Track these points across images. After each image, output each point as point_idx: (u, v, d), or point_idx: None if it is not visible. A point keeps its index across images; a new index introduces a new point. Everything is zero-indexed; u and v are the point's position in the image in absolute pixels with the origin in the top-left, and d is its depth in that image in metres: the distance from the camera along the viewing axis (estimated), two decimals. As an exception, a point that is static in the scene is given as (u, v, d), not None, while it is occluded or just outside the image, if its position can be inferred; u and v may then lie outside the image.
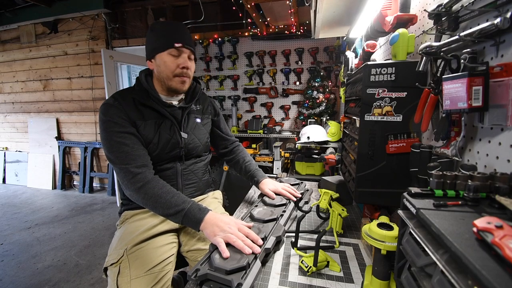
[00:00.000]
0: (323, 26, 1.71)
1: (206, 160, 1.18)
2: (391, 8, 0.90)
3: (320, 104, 2.81)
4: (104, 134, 0.91)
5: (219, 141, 1.28)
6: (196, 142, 1.09)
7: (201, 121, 1.14)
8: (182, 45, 0.94)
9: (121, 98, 0.96)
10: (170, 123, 1.01)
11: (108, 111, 0.92)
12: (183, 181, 1.07)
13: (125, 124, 0.91)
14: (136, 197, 0.87)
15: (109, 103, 0.94)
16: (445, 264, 0.31)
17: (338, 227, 0.89)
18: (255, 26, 2.95)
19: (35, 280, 1.89)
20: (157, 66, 0.97)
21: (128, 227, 0.96)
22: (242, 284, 0.57)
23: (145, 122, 0.96)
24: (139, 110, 0.96)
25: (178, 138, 1.02)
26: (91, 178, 3.88)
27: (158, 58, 0.96)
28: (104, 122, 0.91)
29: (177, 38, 0.94)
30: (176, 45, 0.94)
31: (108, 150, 0.90)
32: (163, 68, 0.96)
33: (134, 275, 0.80)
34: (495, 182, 0.41)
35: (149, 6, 3.36)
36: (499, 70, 0.49)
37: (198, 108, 1.14)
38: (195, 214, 0.81)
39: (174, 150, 1.02)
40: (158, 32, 0.96)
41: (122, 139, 0.89)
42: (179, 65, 0.96)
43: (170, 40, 0.94)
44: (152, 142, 0.97)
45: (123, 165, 0.87)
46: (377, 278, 0.59)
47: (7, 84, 4.16)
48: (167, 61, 0.95)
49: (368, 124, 0.80)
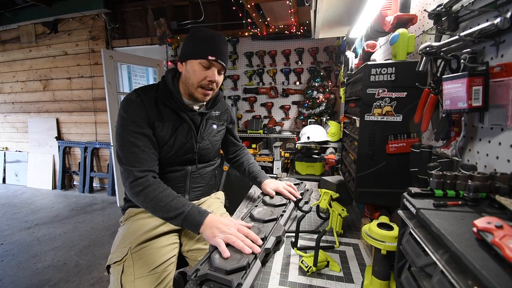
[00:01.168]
0: (323, 26, 1.71)
1: (215, 165, 1.19)
2: (391, 8, 0.90)
3: (320, 104, 2.81)
4: (120, 131, 0.91)
5: (230, 147, 1.31)
6: (209, 148, 1.10)
7: (217, 127, 1.14)
8: (215, 59, 0.93)
9: (144, 95, 0.96)
10: (188, 128, 1.01)
11: (129, 108, 0.92)
12: (191, 184, 1.08)
13: (142, 124, 0.91)
14: (136, 199, 0.87)
15: (131, 99, 0.93)
16: (445, 264, 0.31)
17: (338, 227, 0.89)
18: (255, 26, 2.95)
19: (35, 280, 1.89)
20: (186, 71, 0.96)
21: (132, 225, 0.96)
22: (242, 284, 0.57)
23: (163, 123, 0.96)
24: (159, 111, 0.96)
25: (193, 143, 1.03)
26: (91, 178, 3.88)
27: (189, 64, 0.95)
28: (122, 118, 0.91)
29: (213, 50, 0.93)
30: (210, 58, 0.92)
31: (119, 146, 0.90)
32: (191, 75, 0.95)
33: (138, 274, 0.81)
34: (495, 182, 0.41)
35: (149, 6, 3.36)
36: (499, 70, 0.49)
37: (217, 114, 1.15)
38: (195, 217, 0.81)
39: (188, 154, 1.03)
40: (197, 39, 0.94)
41: (135, 140, 0.90)
42: (207, 77, 0.95)
43: (205, 51, 0.92)
44: (168, 144, 0.97)
45: (129, 166, 0.88)
46: (377, 278, 0.59)
47: (7, 84, 4.16)
48: (196, 70, 0.94)
49: (368, 124, 0.80)
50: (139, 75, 4.79)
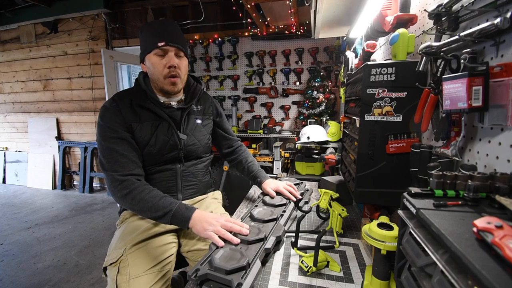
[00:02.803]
0: (323, 26, 1.71)
1: (207, 161, 1.18)
2: (391, 8, 0.90)
3: (320, 104, 2.81)
4: (99, 138, 0.93)
5: (222, 141, 1.27)
6: (196, 144, 1.08)
7: (202, 122, 1.13)
8: (165, 43, 0.93)
9: (119, 99, 0.97)
10: (168, 125, 1.01)
11: (105, 115, 0.93)
12: (183, 182, 1.07)
13: (118, 129, 0.92)
14: (123, 203, 0.89)
15: (106, 106, 0.95)
16: (445, 264, 0.31)
17: (338, 227, 0.89)
18: (255, 26, 2.95)
19: (35, 280, 1.89)
20: (148, 68, 0.98)
21: (127, 226, 0.96)
22: (242, 284, 0.58)
23: (142, 124, 0.96)
24: (136, 112, 0.97)
25: (176, 139, 1.02)
26: (91, 178, 3.88)
27: (147, 60, 0.96)
28: (100, 126, 0.94)
29: (160, 37, 0.93)
30: (159, 44, 0.92)
31: (100, 153, 0.92)
32: (152, 70, 0.96)
33: (133, 274, 0.80)
34: (495, 182, 0.41)
35: (149, 6, 3.36)
36: (499, 70, 0.49)
37: (199, 108, 1.13)
38: (183, 213, 0.83)
39: (173, 151, 1.02)
40: (145, 33, 0.96)
41: (113, 145, 0.91)
42: (166, 64, 0.95)
43: (153, 40, 0.93)
44: (149, 144, 0.97)
45: (111, 172, 0.89)
46: (377, 278, 0.59)
47: (7, 84, 4.16)
48: (155, 62, 0.95)
49: (368, 124, 0.80)
50: (139, 75, 4.78)
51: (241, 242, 0.75)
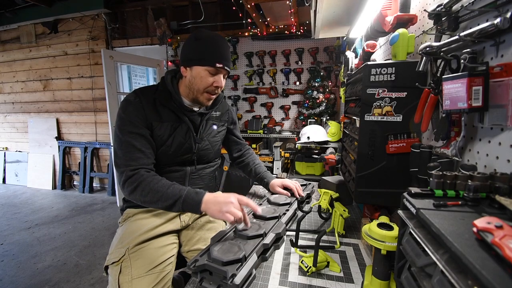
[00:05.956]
0: (323, 26, 1.71)
1: (215, 166, 1.19)
2: (391, 8, 0.90)
3: (320, 104, 2.81)
4: (117, 131, 0.92)
5: (233, 145, 1.31)
6: (209, 149, 1.09)
7: (217, 128, 1.14)
8: (222, 66, 0.93)
9: (143, 95, 0.96)
10: (187, 128, 1.01)
11: (127, 109, 0.93)
12: (190, 185, 1.07)
13: (139, 124, 0.92)
14: (133, 197, 0.88)
15: (129, 100, 0.94)
16: (445, 264, 0.31)
17: (340, 228, 0.89)
18: (255, 26, 2.95)
19: (35, 280, 1.89)
20: (192, 76, 0.95)
21: (130, 225, 0.96)
22: (236, 275, 0.61)
23: (162, 123, 0.96)
24: (158, 111, 0.96)
25: (192, 143, 1.02)
26: (91, 178, 3.88)
27: (195, 70, 0.94)
28: (120, 118, 0.93)
29: (220, 57, 0.93)
30: (218, 65, 0.92)
31: (117, 146, 0.92)
32: (197, 81, 0.95)
33: (135, 274, 0.81)
34: (495, 182, 0.41)
35: (149, 6, 3.36)
36: (499, 70, 0.49)
37: (217, 115, 1.14)
38: (193, 198, 0.83)
39: (187, 154, 1.02)
40: (202, 44, 0.92)
41: (132, 140, 0.90)
42: (214, 83, 0.95)
43: (212, 58, 0.92)
44: (166, 144, 0.97)
45: (124, 167, 0.88)
46: (377, 278, 0.59)
47: (7, 84, 4.16)
48: (203, 77, 0.94)
49: (368, 124, 0.80)
50: (139, 75, 4.78)
51: (240, 237, 0.78)
